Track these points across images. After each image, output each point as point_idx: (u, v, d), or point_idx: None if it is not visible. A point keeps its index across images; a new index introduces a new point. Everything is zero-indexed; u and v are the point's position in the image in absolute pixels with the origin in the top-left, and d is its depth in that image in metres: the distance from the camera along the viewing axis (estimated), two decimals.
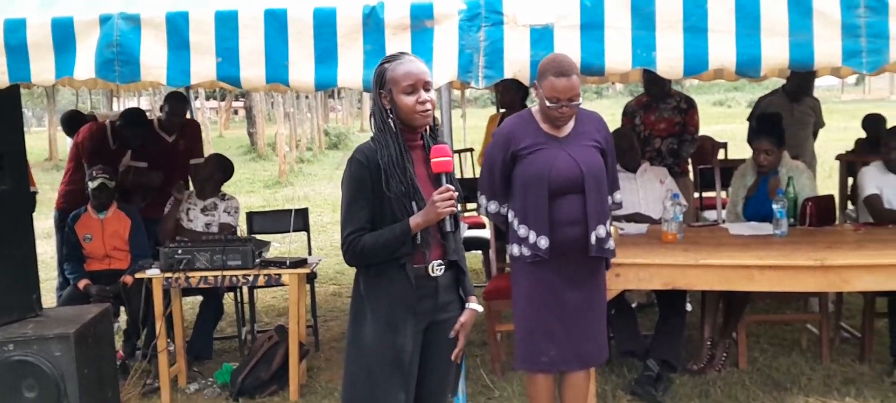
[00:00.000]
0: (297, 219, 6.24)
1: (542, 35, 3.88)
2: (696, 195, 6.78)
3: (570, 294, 3.69)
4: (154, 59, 4.00)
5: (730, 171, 5.78)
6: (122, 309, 5.73)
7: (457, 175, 3.21)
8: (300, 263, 4.99)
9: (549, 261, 3.61)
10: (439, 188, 2.86)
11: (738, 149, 7.97)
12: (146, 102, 29.38)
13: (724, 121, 26.92)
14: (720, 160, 7.33)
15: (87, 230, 5.65)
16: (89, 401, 4.16)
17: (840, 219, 6.49)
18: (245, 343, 5.97)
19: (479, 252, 7.01)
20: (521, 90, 6.24)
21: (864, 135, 7.41)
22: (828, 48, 3.76)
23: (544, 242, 3.58)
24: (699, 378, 4.95)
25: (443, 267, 2.99)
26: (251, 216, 6.43)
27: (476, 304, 3.10)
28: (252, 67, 4.00)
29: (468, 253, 3.71)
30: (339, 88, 5.75)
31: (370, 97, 3.15)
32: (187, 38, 3.98)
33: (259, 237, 5.55)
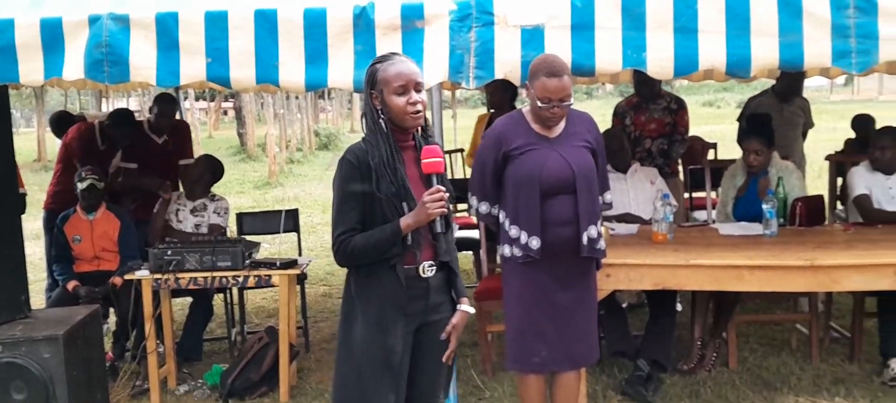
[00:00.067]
0: (287, 220, 6.23)
1: (532, 35, 3.88)
2: (686, 195, 6.79)
3: (562, 294, 3.69)
4: (143, 59, 3.99)
5: (720, 172, 5.79)
6: (112, 310, 5.70)
7: (448, 175, 3.19)
8: (290, 264, 4.98)
9: (541, 262, 3.61)
10: (430, 189, 2.86)
11: (728, 150, 7.99)
12: (135, 103, 29.29)
13: (713, 122, 26.94)
14: (710, 160, 7.35)
15: (76, 231, 5.62)
16: None
17: (829, 219, 6.51)
18: (235, 344, 5.95)
19: (470, 252, 7.01)
20: (509, 91, 6.24)
21: (854, 136, 7.44)
22: (817, 49, 3.78)
23: (536, 243, 3.58)
24: (689, 378, 4.96)
25: (434, 267, 2.98)
26: (241, 217, 6.41)
27: (468, 306, 3.10)
28: (242, 68, 3.98)
29: (459, 253, 3.70)
30: (329, 89, 5.74)
31: (361, 98, 3.15)
32: (177, 38, 3.96)
33: (249, 238, 5.54)
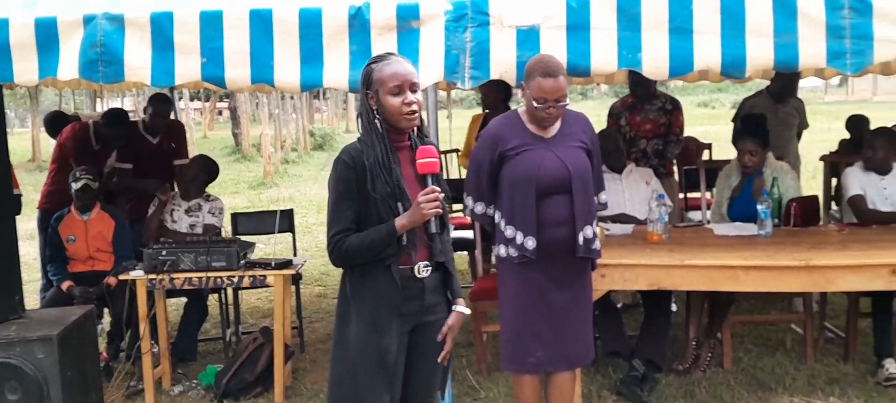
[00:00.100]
0: (282, 220, 6.23)
1: (528, 36, 3.88)
2: (681, 196, 6.79)
3: (557, 294, 3.69)
4: (138, 59, 3.98)
5: (714, 172, 5.79)
6: (106, 310, 5.69)
7: (444, 175, 3.19)
8: (285, 264, 4.97)
9: (536, 262, 3.61)
10: (424, 189, 2.85)
11: (723, 150, 8.02)
12: (130, 103, 29.19)
13: (708, 123, 27.01)
14: (705, 161, 7.36)
15: (70, 231, 5.61)
16: None
17: (824, 220, 6.52)
18: (230, 344, 5.94)
19: (465, 252, 7.01)
20: (503, 91, 6.24)
21: (848, 136, 7.45)
22: (812, 49, 3.79)
23: (531, 243, 3.58)
24: (684, 379, 4.96)
25: (429, 268, 2.98)
26: (236, 217, 6.40)
27: (463, 307, 3.10)
28: (237, 68, 3.98)
29: (454, 253, 3.70)
30: (324, 89, 5.75)
31: (356, 98, 3.14)
32: (172, 38, 3.96)
33: (244, 238, 5.53)
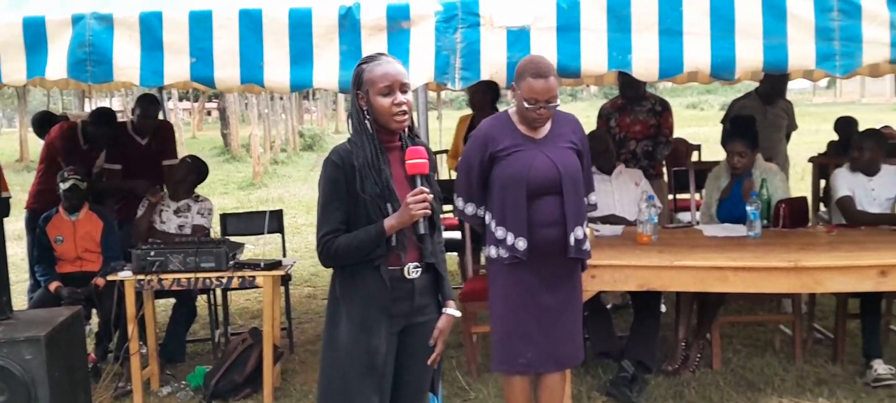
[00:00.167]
0: (272, 221, 6.21)
1: (518, 37, 3.89)
2: (671, 197, 6.80)
3: (548, 295, 3.68)
4: (127, 59, 3.97)
5: (704, 173, 5.81)
6: (94, 311, 5.66)
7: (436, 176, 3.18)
8: (274, 265, 4.95)
9: (527, 263, 3.60)
10: (413, 190, 2.85)
11: (712, 152, 8.03)
12: (118, 103, 29.08)
13: (697, 124, 27.12)
14: (694, 162, 7.38)
15: (58, 232, 5.58)
16: None
17: (813, 221, 6.55)
18: (218, 345, 5.93)
19: (455, 253, 7.01)
20: (491, 92, 6.24)
21: (837, 138, 7.48)
22: (801, 51, 3.80)
23: (522, 244, 3.58)
24: (674, 379, 4.97)
25: (419, 269, 2.97)
26: (225, 218, 6.37)
27: (454, 309, 3.08)
28: (226, 68, 3.97)
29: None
30: (314, 89, 5.73)
31: (346, 98, 3.14)
32: (161, 38, 3.95)
33: (233, 239, 5.51)
